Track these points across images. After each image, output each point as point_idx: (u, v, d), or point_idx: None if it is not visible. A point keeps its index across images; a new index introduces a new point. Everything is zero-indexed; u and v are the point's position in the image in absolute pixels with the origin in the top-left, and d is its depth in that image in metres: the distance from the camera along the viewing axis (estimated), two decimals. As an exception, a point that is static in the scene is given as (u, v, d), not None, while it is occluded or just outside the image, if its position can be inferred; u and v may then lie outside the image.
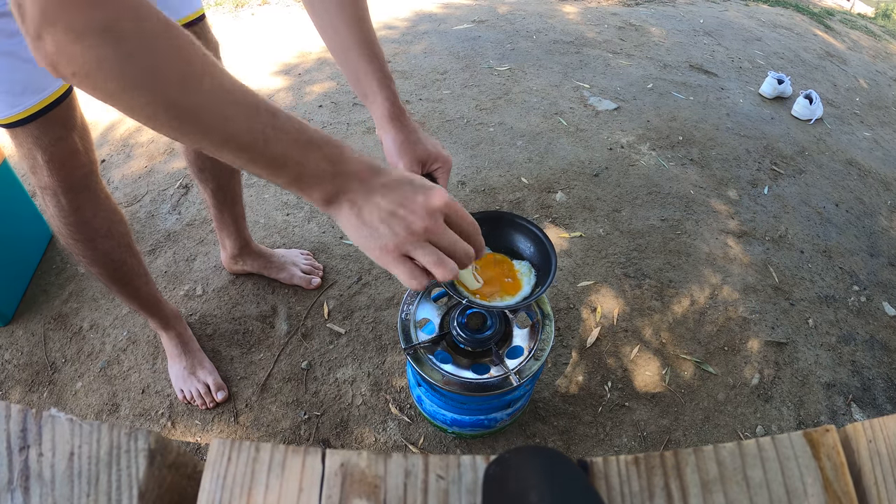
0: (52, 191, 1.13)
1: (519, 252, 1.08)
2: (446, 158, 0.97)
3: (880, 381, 1.70)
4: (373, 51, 0.91)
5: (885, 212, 2.36)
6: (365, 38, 0.91)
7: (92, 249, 1.26)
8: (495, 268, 1.05)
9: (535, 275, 1.04)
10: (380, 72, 0.91)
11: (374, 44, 0.92)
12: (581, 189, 2.22)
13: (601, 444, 1.50)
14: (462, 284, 0.99)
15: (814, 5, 5.19)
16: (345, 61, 0.93)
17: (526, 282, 1.03)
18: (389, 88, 0.92)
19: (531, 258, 1.06)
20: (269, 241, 1.98)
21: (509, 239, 1.08)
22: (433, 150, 0.95)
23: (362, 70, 0.91)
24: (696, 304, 1.83)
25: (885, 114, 3.25)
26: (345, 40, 0.91)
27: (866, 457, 0.40)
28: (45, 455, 0.37)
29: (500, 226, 1.07)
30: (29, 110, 1.00)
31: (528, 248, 1.07)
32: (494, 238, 1.07)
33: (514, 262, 1.06)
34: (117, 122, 2.57)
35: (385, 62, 0.93)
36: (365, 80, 0.92)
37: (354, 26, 0.90)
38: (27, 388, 1.61)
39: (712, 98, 2.95)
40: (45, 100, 1.01)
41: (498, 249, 1.08)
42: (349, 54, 0.91)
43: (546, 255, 1.02)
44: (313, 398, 1.56)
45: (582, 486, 0.35)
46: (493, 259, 1.06)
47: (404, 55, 3.15)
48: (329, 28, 0.91)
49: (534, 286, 1.02)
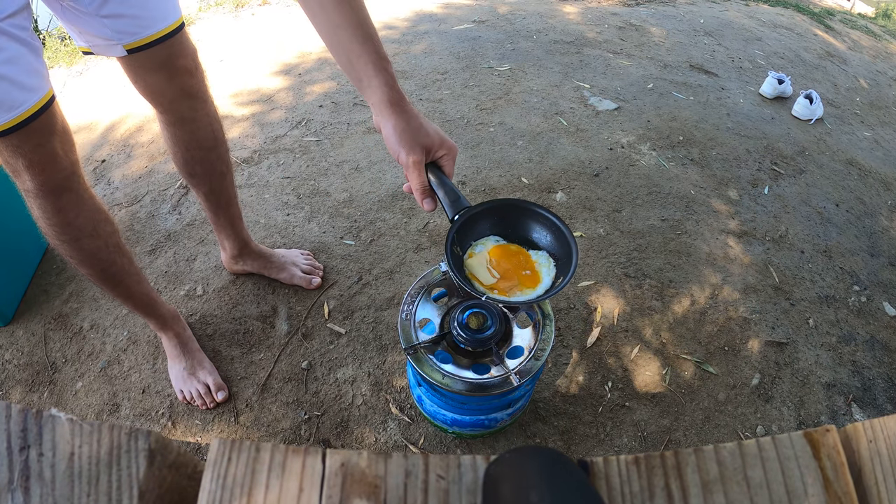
0: (34, 193, 1.13)
1: (535, 242, 1.02)
2: (451, 146, 0.92)
3: (881, 381, 1.70)
4: (366, 31, 0.85)
5: (886, 212, 2.36)
6: (356, 17, 0.85)
7: (78, 250, 1.25)
8: (511, 260, 0.98)
9: (554, 265, 0.98)
10: (374, 53, 0.86)
11: (366, 23, 0.86)
12: (581, 189, 2.22)
13: (601, 444, 1.50)
14: (476, 279, 0.94)
15: (814, 5, 5.19)
16: (335, 43, 0.87)
17: (545, 273, 0.97)
18: (386, 71, 0.87)
19: (549, 248, 1.00)
20: (269, 241, 1.98)
21: (524, 228, 1.02)
22: (437, 137, 0.90)
23: (355, 52, 0.86)
24: (697, 304, 1.83)
25: (886, 114, 3.25)
26: (333, 19, 0.85)
27: (867, 457, 0.40)
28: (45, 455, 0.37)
29: (514, 215, 1.02)
30: (4, 125, 0.98)
31: (545, 237, 1.01)
32: (508, 228, 1.02)
33: (531, 252, 1.00)
34: (117, 122, 2.57)
35: (380, 43, 0.87)
36: (358, 64, 0.86)
37: (344, 3, 0.84)
38: (27, 389, 1.61)
39: (713, 98, 2.95)
40: (20, 115, 0.99)
41: (513, 240, 1.02)
42: (339, 34, 0.86)
43: (565, 243, 0.96)
44: (314, 398, 1.56)
45: (582, 487, 0.35)
46: (509, 251, 1.00)
47: (405, 55, 3.15)
48: (316, 6, 0.86)
49: (555, 277, 0.96)
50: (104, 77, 2.98)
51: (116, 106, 2.69)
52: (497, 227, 1.03)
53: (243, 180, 2.23)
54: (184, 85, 1.32)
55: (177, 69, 1.29)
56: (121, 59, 1.24)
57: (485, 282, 0.94)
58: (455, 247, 0.96)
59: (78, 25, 1.16)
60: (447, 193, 0.92)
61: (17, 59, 0.97)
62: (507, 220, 1.02)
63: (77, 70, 3.09)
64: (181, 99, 1.34)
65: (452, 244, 0.95)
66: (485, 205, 0.99)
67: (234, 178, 1.61)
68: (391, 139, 0.88)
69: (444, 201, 0.92)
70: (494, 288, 0.94)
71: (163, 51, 1.23)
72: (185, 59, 1.29)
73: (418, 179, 0.90)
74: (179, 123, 1.39)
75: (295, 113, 2.62)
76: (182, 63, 1.29)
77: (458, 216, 0.93)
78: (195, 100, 1.37)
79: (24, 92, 0.99)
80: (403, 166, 0.90)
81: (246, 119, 2.58)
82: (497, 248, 1.00)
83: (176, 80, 1.30)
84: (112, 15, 1.13)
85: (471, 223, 0.98)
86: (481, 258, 0.98)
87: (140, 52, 1.21)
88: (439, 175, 0.93)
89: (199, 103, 1.39)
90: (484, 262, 0.96)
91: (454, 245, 0.96)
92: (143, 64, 1.25)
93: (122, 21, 1.15)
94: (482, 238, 1.02)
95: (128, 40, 1.18)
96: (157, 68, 1.26)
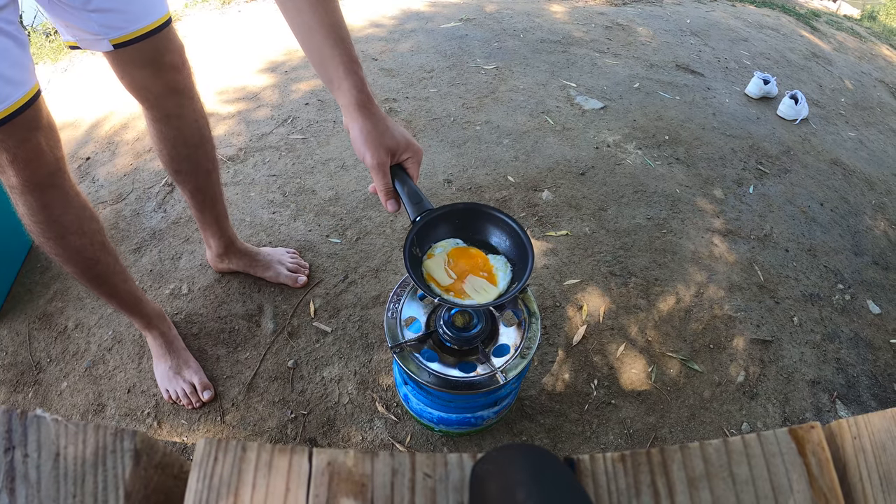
0: (18, 190, 1.11)
1: (494, 246, 1.04)
2: (417, 149, 0.95)
3: (864, 379, 1.72)
4: (339, 34, 0.88)
5: (870, 211, 2.39)
6: (330, 20, 0.87)
7: (63, 247, 1.24)
8: (469, 262, 1.00)
9: (510, 270, 1.00)
10: (346, 55, 0.88)
11: (340, 27, 0.88)
12: (567, 188, 2.23)
13: (588, 441, 1.50)
14: (433, 279, 0.97)
15: (800, 6, 5.23)
16: (308, 45, 0.90)
17: (501, 277, 0.99)
18: (357, 74, 0.89)
19: (507, 252, 1.02)
20: (254, 239, 1.97)
21: (484, 232, 1.04)
22: (403, 140, 0.93)
23: (327, 54, 0.88)
24: (682, 303, 1.85)
25: (870, 114, 3.28)
26: (308, 21, 0.87)
27: (851, 453, 0.41)
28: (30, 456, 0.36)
29: (474, 218, 1.04)
30: None
31: (504, 241, 1.03)
32: (468, 231, 1.04)
33: (490, 256, 1.02)
34: (102, 119, 2.55)
35: (352, 46, 0.89)
36: (330, 65, 0.89)
37: (318, 6, 0.87)
38: (12, 389, 1.59)
39: (698, 98, 2.97)
40: (6, 109, 0.98)
41: (472, 243, 1.04)
42: (313, 36, 0.88)
43: (523, 249, 0.98)
44: (300, 397, 1.56)
45: (569, 484, 0.35)
46: (468, 253, 1.02)
47: (391, 53, 3.14)
48: (292, 8, 0.88)
49: (510, 282, 0.98)
50: (89, 74, 2.95)
51: (101, 103, 2.66)
52: (458, 231, 1.05)
53: (229, 178, 2.21)
54: (170, 81, 1.31)
55: (163, 65, 1.28)
56: (107, 55, 1.23)
57: (441, 283, 0.96)
58: (415, 248, 0.99)
59: (65, 20, 1.15)
60: (410, 195, 0.95)
61: (4, 52, 0.96)
62: (469, 223, 1.04)
63: (62, 66, 3.05)
64: (168, 95, 1.33)
65: (412, 245, 0.98)
66: (446, 208, 1.01)
67: (220, 175, 1.60)
68: (357, 141, 0.90)
69: (406, 203, 0.95)
70: (450, 289, 0.97)
71: (149, 46, 1.22)
72: (171, 55, 1.28)
73: (382, 181, 0.93)
74: (166, 120, 1.39)
75: (281, 111, 2.61)
76: (169, 59, 1.28)
77: (419, 218, 0.96)
78: (182, 96, 1.36)
79: (10, 86, 0.98)
80: (368, 168, 0.92)
81: (232, 116, 2.57)
82: (456, 251, 1.02)
83: (162, 76, 1.29)
84: (99, 9, 1.12)
85: (432, 225, 1.01)
86: (439, 259, 1.00)
87: (127, 48, 1.20)
88: (404, 177, 0.96)
89: (186, 100, 1.38)
90: (442, 263, 0.98)
91: (413, 246, 0.98)
92: (130, 59, 1.24)
93: (108, 16, 1.14)
94: (443, 240, 1.03)
95: (114, 35, 1.17)
96: (143, 64, 1.26)
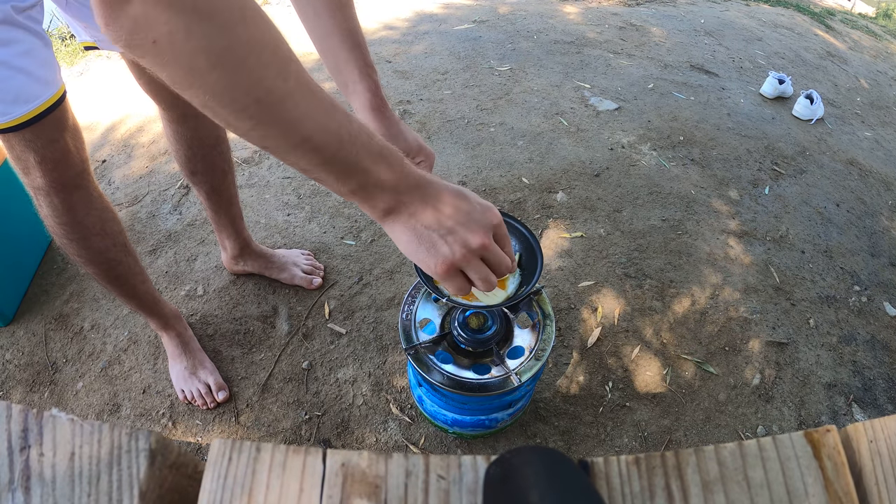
0: (44, 191, 1.13)
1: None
2: (429, 153, 0.95)
3: (881, 382, 1.70)
4: (355, 39, 0.88)
5: (887, 212, 2.36)
6: (347, 26, 0.88)
7: (86, 249, 1.25)
8: None
9: (519, 274, 1.00)
10: (361, 60, 0.89)
11: (356, 32, 0.89)
12: (582, 189, 2.22)
13: (602, 444, 1.50)
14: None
15: (815, 5, 5.19)
16: (325, 49, 0.91)
17: (510, 281, 0.99)
18: (371, 78, 0.90)
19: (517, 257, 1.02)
20: (269, 241, 1.98)
21: None
22: (415, 144, 0.93)
23: (343, 58, 0.89)
24: (697, 305, 1.83)
25: (887, 114, 3.24)
26: (326, 25, 0.88)
27: (867, 457, 0.40)
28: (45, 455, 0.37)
29: None
30: (20, 118, 0.98)
31: (514, 245, 1.02)
32: None
33: None
34: (118, 122, 2.57)
35: (367, 51, 0.90)
36: (346, 69, 0.89)
37: (337, 12, 0.87)
38: (28, 388, 1.61)
39: (713, 98, 2.95)
40: (36, 108, 0.99)
41: None
42: (330, 41, 0.89)
43: (532, 253, 0.98)
44: (314, 398, 1.56)
45: (583, 487, 0.35)
46: None
47: (405, 55, 3.15)
48: (310, 12, 0.89)
49: (518, 286, 0.99)
50: (105, 77, 2.98)
51: (117, 106, 2.69)
52: None
53: (244, 180, 2.23)
54: None
55: None
56: (125, 55, 1.23)
57: None
58: None
59: (82, 20, 1.16)
60: None
61: (33, 51, 0.97)
62: None
63: (78, 70, 3.09)
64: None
65: None
66: None
67: (235, 177, 1.61)
68: None
69: None
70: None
71: None
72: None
73: None
74: (182, 120, 1.39)
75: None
76: None
77: None
78: None
79: (40, 85, 0.99)
80: None
81: (246, 119, 2.58)
82: None
83: None
84: None
85: None
86: None
87: None
88: None
89: None
90: None
91: None
92: None
93: None
94: None
95: None
96: None
